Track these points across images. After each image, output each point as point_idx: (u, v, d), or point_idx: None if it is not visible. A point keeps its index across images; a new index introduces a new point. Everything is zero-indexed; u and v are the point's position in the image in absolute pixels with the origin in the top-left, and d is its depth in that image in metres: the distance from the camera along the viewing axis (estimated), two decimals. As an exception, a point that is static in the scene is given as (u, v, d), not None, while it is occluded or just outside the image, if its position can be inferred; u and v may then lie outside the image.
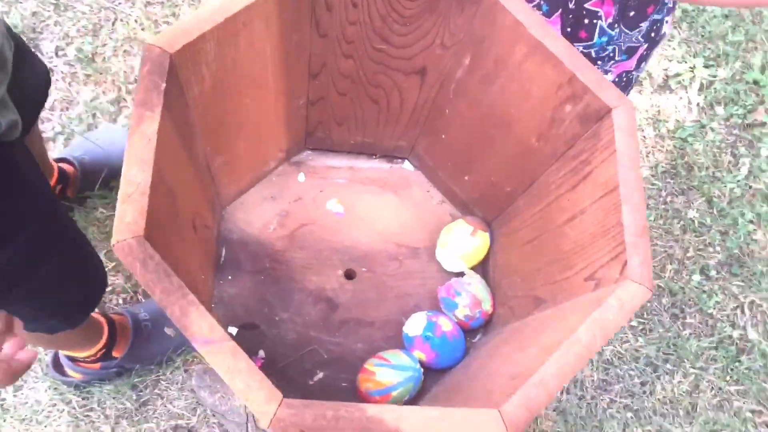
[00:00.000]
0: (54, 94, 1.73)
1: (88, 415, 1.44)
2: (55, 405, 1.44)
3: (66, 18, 1.81)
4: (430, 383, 0.93)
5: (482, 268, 1.01)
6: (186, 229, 0.81)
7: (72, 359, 1.39)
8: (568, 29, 1.00)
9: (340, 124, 1.00)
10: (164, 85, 0.70)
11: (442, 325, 0.91)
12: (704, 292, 1.66)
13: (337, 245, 0.99)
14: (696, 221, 1.72)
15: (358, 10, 0.83)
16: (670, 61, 1.90)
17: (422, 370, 0.90)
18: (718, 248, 1.71)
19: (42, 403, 1.44)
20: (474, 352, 0.93)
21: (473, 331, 0.97)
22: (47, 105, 1.71)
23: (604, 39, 1.00)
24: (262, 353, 0.91)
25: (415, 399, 0.90)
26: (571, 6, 0.97)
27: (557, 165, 0.86)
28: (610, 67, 1.04)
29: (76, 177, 1.52)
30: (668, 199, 1.75)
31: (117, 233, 0.63)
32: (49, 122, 1.69)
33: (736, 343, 1.62)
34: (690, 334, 1.62)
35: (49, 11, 1.81)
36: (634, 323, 1.61)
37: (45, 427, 1.41)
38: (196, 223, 0.84)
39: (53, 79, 1.74)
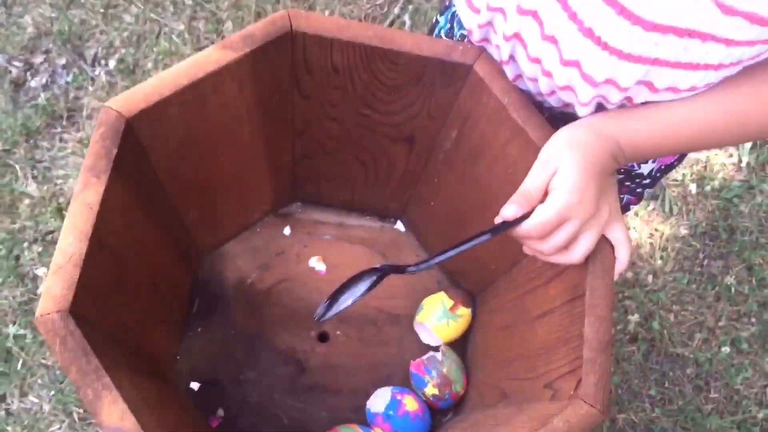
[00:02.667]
0: (93, 103, 1.76)
1: (85, 429, 1.46)
2: (57, 415, 1.46)
3: (112, 27, 1.83)
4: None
5: (462, 342, 0.97)
6: (141, 289, 0.79)
7: None
8: None
9: (328, 180, 0.97)
10: (116, 150, 0.68)
11: (406, 404, 0.88)
12: (733, 365, 1.56)
13: (314, 305, 0.96)
14: (733, 289, 1.63)
15: (340, 76, 0.80)
16: (724, 115, 1.80)
17: None
18: (753, 320, 1.61)
19: (45, 411, 1.47)
20: (438, 435, 0.89)
21: (444, 410, 0.93)
22: (84, 113, 1.74)
23: None
24: (220, 412, 0.90)
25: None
26: None
27: (536, 254, 0.81)
28: None
29: None
30: (705, 262, 1.66)
31: (41, 306, 0.62)
32: (83, 132, 1.72)
33: (761, 425, 1.52)
34: (712, 409, 1.53)
35: (96, 20, 1.84)
36: (652, 392, 1.53)
37: (43, 436, 1.44)
38: (157, 281, 0.83)
39: (93, 88, 1.77)
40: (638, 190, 0.97)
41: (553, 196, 0.65)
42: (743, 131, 0.70)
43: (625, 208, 1.01)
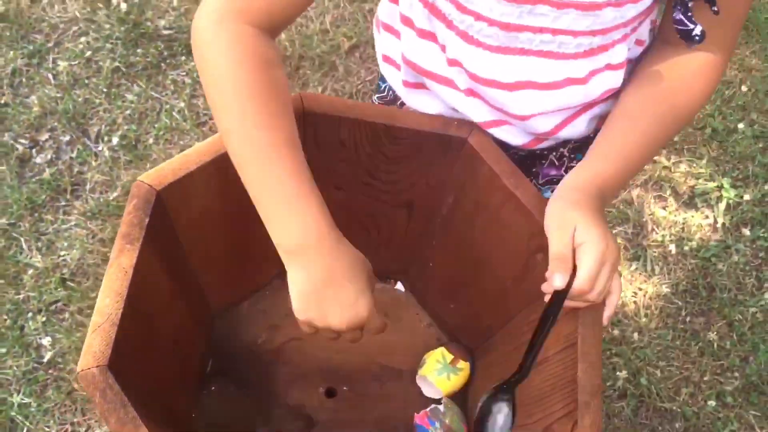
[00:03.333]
0: (96, 177, 1.83)
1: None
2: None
3: (115, 106, 1.92)
4: None
5: (462, 395, 1.02)
6: (165, 347, 0.85)
7: None
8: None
9: (333, 245, 1.04)
10: (147, 219, 0.75)
11: None
12: (719, 419, 1.62)
13: (321, 362, 1.02)
14: (715, 344, 1.69)
15: (346, 150, 0.88)
16: (698, 178, 1.90)
17: None
18: (736, 374, 1.67)
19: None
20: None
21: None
22: (87, 186, 1.82)
23: None
24: (235, 467, 0.94)
25: None
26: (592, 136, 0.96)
27: (529, 309, 0.88)
28: None
29: None
30: (687, 319, 1.73)
31: (82, 362, 0.68)
32: (87, 204, 1.79)
33: (749, 477, 1.57)
34: (701, 462, 1.58)
35: (100, 98, 1.93)
36: (643, 446, 1.58)
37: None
38: (177, 339, 0.89)
39: (96, 162, 1.85)
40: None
41: (586, 249, 0.73)
42: (676, 125, 0.84)
43: None
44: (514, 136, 0.89)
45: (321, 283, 0.72)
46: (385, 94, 1.03)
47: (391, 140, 0.86)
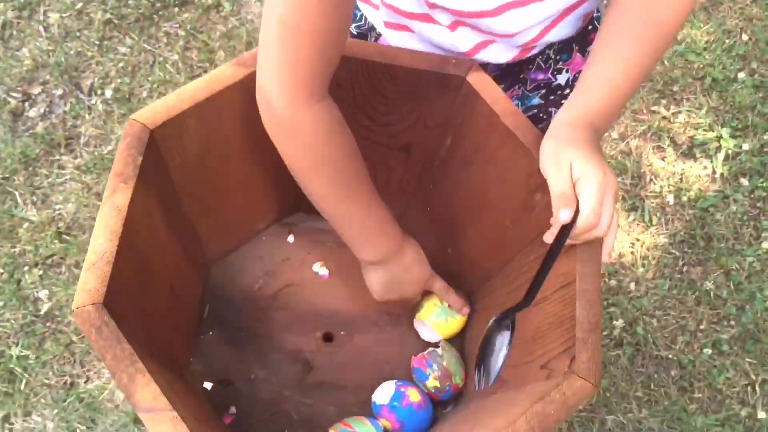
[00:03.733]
0: (89, 131, 1.81)
1: (90, 445, 1.49)
2: (60, 433, 1.50)
3: (107, 59, 1.90)
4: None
5: (460, 339, 1.02)
6: (162, 290, 0.85)
7: None
8: (584, 48, 1.02)
9: (329, 190, 1.03)
10: (141, 158, 0.74)
11: (409, 396, 0.93)
12: (715, 366, 1.63)
13: (318, 307, 1.02)
14: (712, 293, 1.70)
15: (342, 90, 0.87)
16: (696, 128, 1.89)
17: None
18: (732, 323, 1.68)
19: (49, 430, 1.50)
20: (440, 425, 0.94)
21: (445, 402, 0.98)
22: (82, 140, 1.80)
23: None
24: (233, 409, 0.94)
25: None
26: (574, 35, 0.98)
27: (528, 249, 0.88)
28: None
29: None
30: (684, 269, 1.73)
31: (77, 300, 0.67)
32: (81, 158, 1.77)
33: (744, 422, 1.58)
34: (697, 409, 1.59)
35: (92, 51, 1.90)
36: (639, 393, 1.59)
37: (48, 453, 1.47)
38: (173, 283, 0.88)
39: (90, 116, 1.83)
40: (562, 101, 1.06)
41: (585, 182, 0.72)
42: (661, 42, 0.82)
43: None
44: (502, 54, 0.91)
45: (400, 273, 0.93)
46: (363, 23, 1.01)
47: (388, 79, 0.84)
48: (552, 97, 1.07)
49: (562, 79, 1.04)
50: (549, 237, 0.74)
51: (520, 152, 0.81)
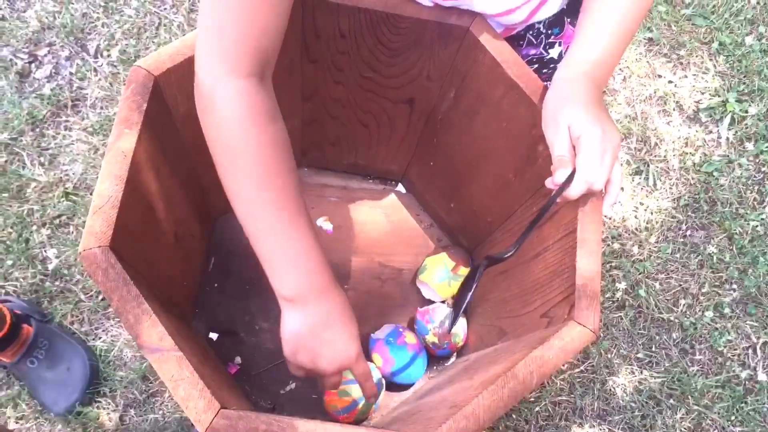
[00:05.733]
0: (96, 93, 1.81)
1: (98, 401, 1.51)
2: (69, 388, 1.51)
3: (113, 21, 1.89)
4: (398, 401, 0.96)
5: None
6: (165, 238, 0.86)
7: None
8: (574, 21, 0.99)
9: (333, 144, 1.04)
10: (146, 105, 0.75)
11: (406, 336, 0.94)
12: (716, 329, 1.64)
13: (322, 261, 1.03)
14: (714, 257, 1.70)
15: (346, 41, 0.87)
16: (703, 93, 1.88)
17: (382, 380, 0.93)
18: (734, 286, 1.68)
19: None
20: (440, 376, 0.96)
21: (445, 357, 1.00)
22: (88, 102, 1.80)
23: None
24: (238, 359, 0.96)
25: (378, 414, 0.93)
26: (566, 8, 0.97)
27: (530, 201, 0.88)
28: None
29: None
30: (688, 233, 1.73)
31: (84, 242, 0.68)
32: (87, 120, 1.78)
33: (744, 384, 1.59)
34: (697, 371, 1.60)
35: (98, 13, 1.90)
36: (640, 355, 1.60)
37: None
38: (178, 233, 0.89)
39: (96, 78, 1.83)
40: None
41: (583, 141, 0.72)
42: None
43: None
44: (495, 3, 0.87)
45: (317, 327, 0.76)
46: None
47: (392, 29, 0.84)
48: (545, 71, 1.04)
49: (554, 52, 1.02)
50: (550, 182, 0.74)
51: (523, 103, 0.82)
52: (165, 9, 1.93)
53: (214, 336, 0.96)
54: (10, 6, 1.92)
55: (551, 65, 1.03)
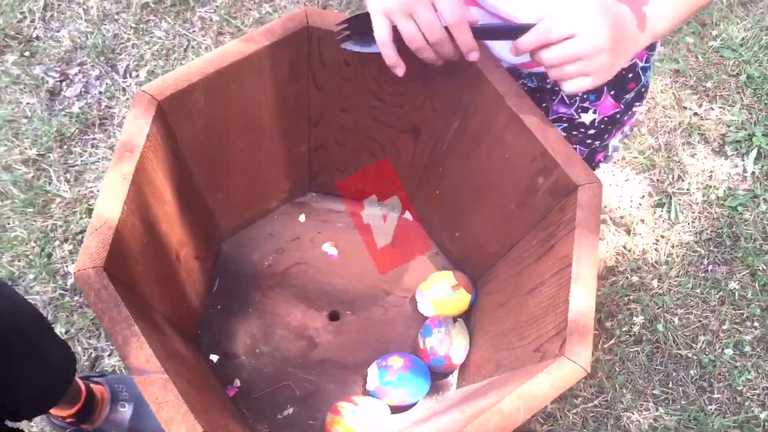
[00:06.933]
0: (123, 111, 1.85)
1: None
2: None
3: (143, 42, 1.93)
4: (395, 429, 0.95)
5: (465, 323, 1.03)
6: (167, 259, 0.87)
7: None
8: (618, 95, 0.98)
9: (341, 171, 1.05)
10: (148, 128, 0.76)
11: (392, 365, 0.94)
12: (736, 367, 1.60)
13: (326, 286, 1.03)
14: (736, 293, 1.67)
15: (350, 69, 0.88)
16: (729, 126, 1.86)
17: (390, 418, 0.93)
18: (756, 324, 1.65)
19: None
20: (439, 405, 0.95)
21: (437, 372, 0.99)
22: (115, 120, 1.84)
23: (648, 72, 0.99)
24: (237, 382, 0.96)
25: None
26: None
27: (531, 234, 0.88)
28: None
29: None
30: (709, 268, 1.70)
31: (78, 263, 0.69)
32: (114, 138, 1.82)
33: (763, 425, 1.55)
34: (715, 410, 1.56)
35: (128, 34, 1.94)
36: (656, 391, 1.57)
37: None
38: (180, 255, 0.90)
39: (124, 97, 1.87)
40: (587, 141, 1.02)
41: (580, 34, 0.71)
42: None
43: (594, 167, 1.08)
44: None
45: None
46: None
47: (395, 59, 0.85)
48: (574, 133, 1.01)
49: (586, 118, 0.99)
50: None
51: (524, 134, 0.82)
52: (194, 31, 1.97)
53: (214, 358, 0.97)
54: (45, 26, 1.97)
55: (581, 129, 1.00)
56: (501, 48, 0.88)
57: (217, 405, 0.83)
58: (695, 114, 1.88)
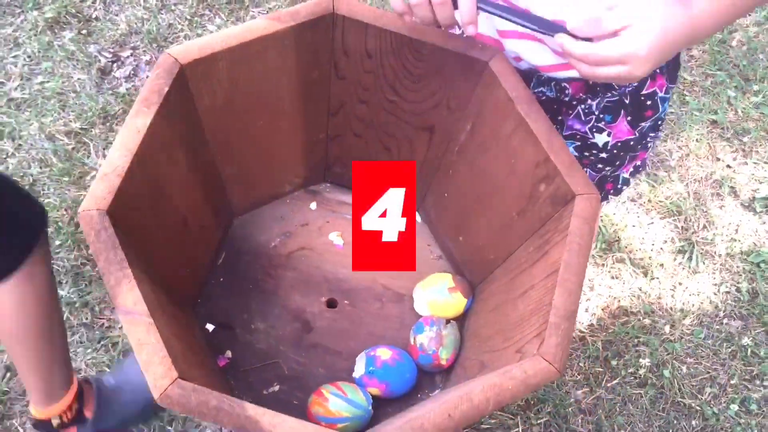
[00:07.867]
0: (166, 97, 1.91)
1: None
2: (93, 374, 1.57)
3: (195, 34, 2.00)
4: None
5: (459, 327, 1.03)
6: (174, 222, 0.90)
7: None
8: (635, 121, 0.98)
9: (356, 163, 1.07)
10: (167, 89, 0.80)
11: (380, 356, 0.95)
12: (739, 424, 1.57)
13: (327, 274, 1.05)
14: (749, 350, 1.64)
15: (372, 61, 0.91)
16: (761, 182, 1.84)
17: (372, 411, 0.94)
18: (766, 383, 1.62)
19: (81, 371, 1.57)
20: (422, 402, 0.96)
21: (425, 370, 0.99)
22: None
23: (666, 104, 0.99)
24: (229, 353, 0.98)
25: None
26: (627, 101, 0.94)
27: (529, 241, 0.89)
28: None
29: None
30: (724, 321, 1.68)
31: (84, 203, 0.73)
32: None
33: (761, 487, 1.52)
34: (713, 464, 1.54)
35: (182, 25, 2.01)
36: (655, 437, 1.55)
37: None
38: (188, 221, 0.93)
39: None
40: (598, 165, 1.02)
41: (626, 35, 0.69)
42: None
43: (603, 198, 1.07)
44: (540, 54, 0.88)
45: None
46: None
47: (415, 54, 0.87)
48: (586, 154, 1.01)
49: (600, 139, 0.98)
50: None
51: (530, 140, 0.83)
52: (245, 30, 2.03)
53: (210, 327, 0.99)
54: (105, 8, 2.05)
55: (593, 151, 1.00)
56: (526, 48, 0.89)
57: (203, 367, 0.85)
58: (728, 166, 1.87)
